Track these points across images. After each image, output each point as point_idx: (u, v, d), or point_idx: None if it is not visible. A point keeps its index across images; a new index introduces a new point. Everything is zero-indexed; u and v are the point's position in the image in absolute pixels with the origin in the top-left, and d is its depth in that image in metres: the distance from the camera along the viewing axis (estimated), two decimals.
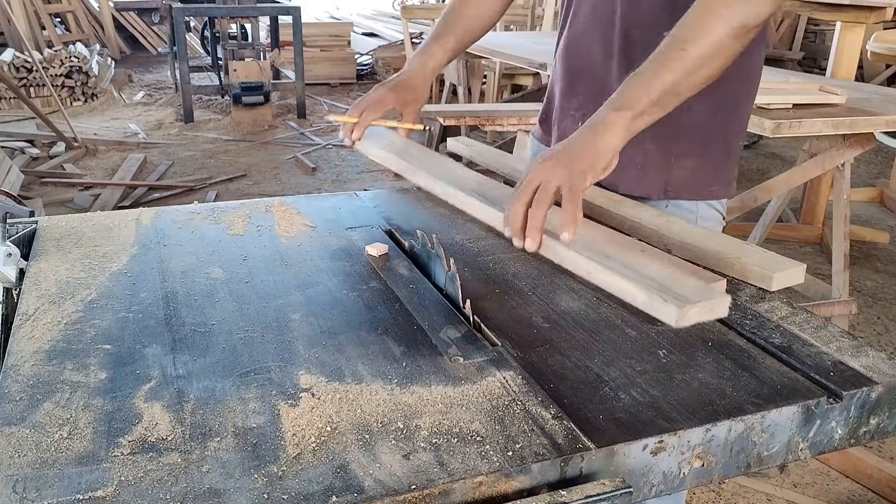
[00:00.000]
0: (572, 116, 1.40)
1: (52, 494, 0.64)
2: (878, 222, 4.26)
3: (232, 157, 5.22)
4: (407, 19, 6.02)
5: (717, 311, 0.88)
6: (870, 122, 2.41)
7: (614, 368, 0.86)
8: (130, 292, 1.01)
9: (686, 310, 0.84)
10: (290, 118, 6.28)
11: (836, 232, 2.72)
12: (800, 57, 7.58)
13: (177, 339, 0.90)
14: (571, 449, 0.71)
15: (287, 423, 0.75)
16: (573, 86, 1.40)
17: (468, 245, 1.21)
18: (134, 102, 6.77)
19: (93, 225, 1.23)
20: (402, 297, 1.01)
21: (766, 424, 0.80)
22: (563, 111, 1.43)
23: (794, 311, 1.01)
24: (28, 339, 0.89)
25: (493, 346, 0.90)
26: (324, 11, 10.70)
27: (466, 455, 0.70)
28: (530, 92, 5.01)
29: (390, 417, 0.76)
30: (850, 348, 0.92)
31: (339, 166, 5.10)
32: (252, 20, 6.66)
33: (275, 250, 1.16)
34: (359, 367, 0.85)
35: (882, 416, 0.87)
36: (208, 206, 1.34)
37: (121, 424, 0.74)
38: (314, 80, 7.35)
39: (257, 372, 0.83)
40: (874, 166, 5.29)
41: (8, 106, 6.07)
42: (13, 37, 7.21)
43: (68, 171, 4.77)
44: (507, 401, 0.79)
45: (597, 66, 1.35)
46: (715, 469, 0.80)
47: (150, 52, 9.19)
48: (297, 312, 0.97)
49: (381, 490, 0.66)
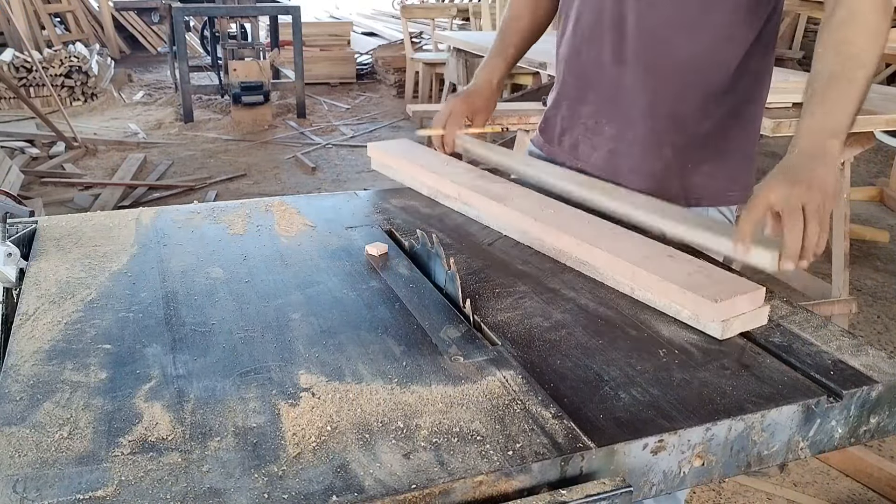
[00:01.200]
0: (584, 125, 1.39)
1: (52, 494, 0.64)
2: (878, 221, 4.26)
3: (232, 157, 5.22)
4: (407, 19, 6.02)
5: (757, 320, 0.93)
6: (869, 120, 2.41)
7: (614, 368, 0.86)
8: (130, 292, 1.01)
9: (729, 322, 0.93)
10: (289, 118, 6.28)
11: (835, 231, 2.72)
12: (800, 56, 7.58)
13: (177, 338, 0.90)
14: (572, 448, 0.71)
15: (287, 422, 0.75)
16: (582, 94, 1.39)
17: (468, 244, 1.21)
18: (134, 102, 6.77)
19: (93, 225, 1.23)
20: (403, 297, 1.01)
21: (767, 423, 0.80)
22: (574, 119, 1.41)
23: (794, 310, 1.01)
24: (28, 339, 0.89)
25: (494, 346, 0.90)
26: (324, 11, 10.71)
27: (467, 454, 0.70)
28: (530, 91, 5.00)
29: (390, 417, 0.76)
30: (850, 347, 0.92)
31: (339, 166, 5.10)
32: (252, 20, 6.66)
33: (275, 250, 1.16)
34: (359, 367, 0.85)
35: (882, 415, 0.87)
36: (208, 206, 1.34)
37: (121, 424, 0.74)
38: (314, 79, 7.34)
39: (257, 371, 0.83)
40: (874, 165, 5.29)
41: (8, 106, 6.07)
42: (13, 37, 7.21)
43: (68, 171, 4.77)
44: (507, 400, 0.79)
45: (606, 74, 1.33)
46: (715, 468, 0.80)
47: (149, 52, 9.19)
48: (297, 312, 0.97)
49: (382, 489, 0.66)
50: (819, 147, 1.01)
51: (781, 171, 1.00)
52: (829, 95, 1.04)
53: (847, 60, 1.04)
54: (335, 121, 6.28)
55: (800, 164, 1.00)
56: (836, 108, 1.03)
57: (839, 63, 1.05)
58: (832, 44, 1.07)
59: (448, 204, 1.36)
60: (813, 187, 0.96)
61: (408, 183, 1.45)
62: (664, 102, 1.29)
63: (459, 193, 1.32)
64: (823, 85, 1.05)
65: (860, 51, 1.05)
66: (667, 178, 1.32)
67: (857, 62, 1.04)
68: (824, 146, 1.01)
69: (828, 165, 0.99)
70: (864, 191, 4.57)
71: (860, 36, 1.06)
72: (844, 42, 1.06)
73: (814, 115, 1.03)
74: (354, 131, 5.94)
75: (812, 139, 1.02)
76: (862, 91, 1.04)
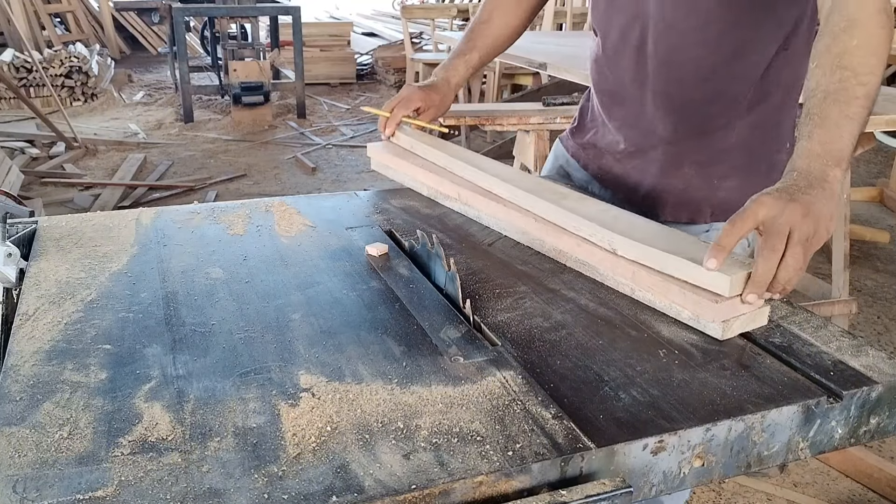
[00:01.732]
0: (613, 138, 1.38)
1: (52, 494, 0.64)
2: (878, 222, 4.26)
3: (232, 157, 5.22)
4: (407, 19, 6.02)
5: (758, 321, 0.94)
6: (870, 121, 2.40)
7: (614, 368, 0.86)
8: (130, 292, 1.01)
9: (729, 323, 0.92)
10: (290, 118, 6.28)
11: (835, 231, 2.72)
12: None
13: (177, 339, 0.90)
14: (571, 448, 0.71)
15: (287, 422, 0.75)
16: (610, 110, 1.39)
17: (468, 245, 1.21)
18: (134, 102, 6.78)
19: (93, 225, 1.23)
20: (403, 297, 1.01)
21: (767, 424, 0.80)
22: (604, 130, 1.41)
23: (794, 311, 1.01)
24: (28, 339, 0.89)
25: (493, 346, 0.90)
26: (324, 11, 10.71)
27: (466, 455, 0.70)
28: (530, 91, 5.00)
29: (390, 417, 0.76)
30: (850, 348, 0.92)
31: (339, 166, 5.10)
32: (252, 20, 6.66)
33: (275, 250, 1.16)
34: (359, 367, 0.85)
35: (882, 416, 0.87)
36: (208, 206, 1.34)
37: (121, 424, 0.74)
38: (314, 79, 7.35)
39: (257, 372, 0.83)
40: (874, 166, 5.29)
41: (8, 106, 6.07)
42: (13, 37, 7.21)
43: (68, 171, 4.77)
44: (507, 400, 0.79)
45: (628, 92, 1.32)
46: (715, 468, 0.80)
47: (150, 52, 9.19)
48: (297, 312, 0.97)
49: (382, 490, 0.66)
50: (819, 173, 0.92)
51: (778, 188, 0.91)
52: (829, 117, 0.94)
53: (846, 77, 0.94)
54: (335, 121, 6.28)
55: (798, 187, 0.91)
56: (836, 132, 0.93)
57: (837, 80, 0.95)
58: (829, 57, 0.96)
59: (448, 204, 1.36)
60: (809, 214, 0.87)
61: (408, 183, 1.45)
62: (684, 124, 1.27)
63: (459, 194, 1.32)
64: (820, 104, 0.95)
65: (860, 65, 0.95)
66: (691, 196, 1.29)
67: (857, 79, 0.94)
68: (825, 173, 0.91)
69: (827, 194, 0.90)
70: (864, 191, 4.57)
71: (860, 49, 0.95)
72: (842, 55, 0.96)
73: (811, 139, 0.94)
74: (354, 132, 5.94)
75: (811, 164, 0.92)
76: (864, 110, 0.95)
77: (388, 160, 1.49)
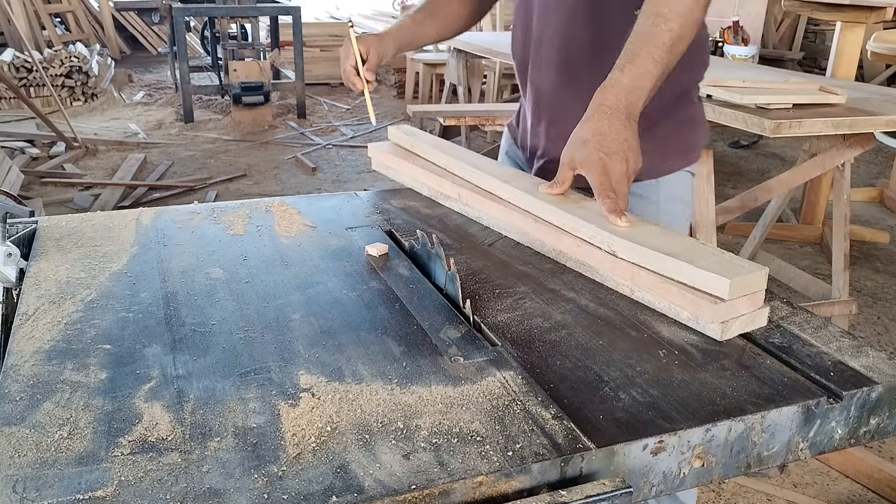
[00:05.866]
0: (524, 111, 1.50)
1: (52, 494, 0.64)
2: (878, 222, 4.26)
3: (232, 157, 5.22)
4: None
5: (757, 321, 0.95)
6: (870, 121, 2.41)
7: (614, 368, 0.86)
8: (130, 292, 1.01)
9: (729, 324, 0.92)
10: (290, 118, 6.29)
11: (836, 232, 2.72)
12: (800, 57, 7.58)
13: (177, 339, 0.90)
14: (571, 449, 0.71)
15: (287, 423, 0.75)
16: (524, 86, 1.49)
17: (468, 245, 1.21)
18: (134, 102, 6.78)
19: (93, 225, 1.23)
20: (402, 297, 1.01)
21: (766, 424, 0.80)
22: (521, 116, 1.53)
23: (794, 311, 1.01)
24: (28, 339, 0.89)
25: (493, 346, 0.90)
26: (324, 11, 10.70)
27: (466, 455, 0.70)
28: None
29: (390, 417, 0.76)
30: (851, 348, 0.92)
31: (339, 166, 5.10)
32: (252, 20, 6.67)
33: (275, 250, 1.16)
34: (359, 367, 0.85)
35: (882, 416, 0.87)
36: (208, 206, 1.34)
37: (121, 424, 0.74)
38: (314, 80, 7.35)
39: (257, 372, 0.83)
40: (874, 166, 5.29)
41: (8, 106, 6.07)
42: (13, 37, 7.22)
43: (68, 171, 4.77)
44: (507, 401, 0.79)
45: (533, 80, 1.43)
46: (715, 469, 0.80)
47: (150, 52, 9.19)
48: (297, 312, 0.97)
49: (381, 490, 0.66)
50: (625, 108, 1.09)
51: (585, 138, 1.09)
52: (639, 55, 1.10)
53: (657, 23, 1.10)
54: (335, 121, 6.28)
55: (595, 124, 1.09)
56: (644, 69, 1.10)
57: (650, 24, 1.11)
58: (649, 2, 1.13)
59: (448, 204, 1.36)
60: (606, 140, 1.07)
61: (408, 183, 1.45)
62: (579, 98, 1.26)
63: (460, 194, 1.32)
64: (634, 43, 1.12)
65: (670, 11, 1.10)
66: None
67: (666, 24, 1.10)
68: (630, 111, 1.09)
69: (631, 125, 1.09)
70: (864, 192, 4.58)
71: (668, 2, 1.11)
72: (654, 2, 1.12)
73: (623, 71, 1.10)
74: (355, 132, 5.95)
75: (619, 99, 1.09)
76: (669, 55, 1.10)
77: (388, 160, 1.49)
